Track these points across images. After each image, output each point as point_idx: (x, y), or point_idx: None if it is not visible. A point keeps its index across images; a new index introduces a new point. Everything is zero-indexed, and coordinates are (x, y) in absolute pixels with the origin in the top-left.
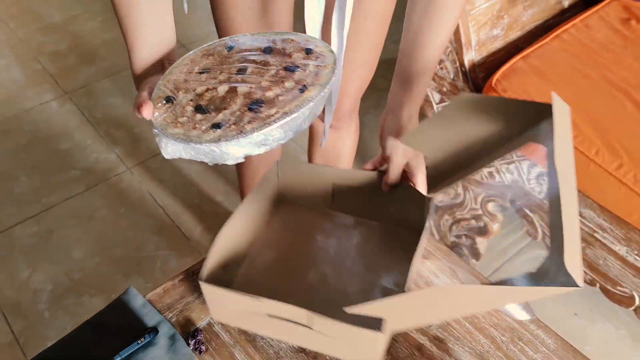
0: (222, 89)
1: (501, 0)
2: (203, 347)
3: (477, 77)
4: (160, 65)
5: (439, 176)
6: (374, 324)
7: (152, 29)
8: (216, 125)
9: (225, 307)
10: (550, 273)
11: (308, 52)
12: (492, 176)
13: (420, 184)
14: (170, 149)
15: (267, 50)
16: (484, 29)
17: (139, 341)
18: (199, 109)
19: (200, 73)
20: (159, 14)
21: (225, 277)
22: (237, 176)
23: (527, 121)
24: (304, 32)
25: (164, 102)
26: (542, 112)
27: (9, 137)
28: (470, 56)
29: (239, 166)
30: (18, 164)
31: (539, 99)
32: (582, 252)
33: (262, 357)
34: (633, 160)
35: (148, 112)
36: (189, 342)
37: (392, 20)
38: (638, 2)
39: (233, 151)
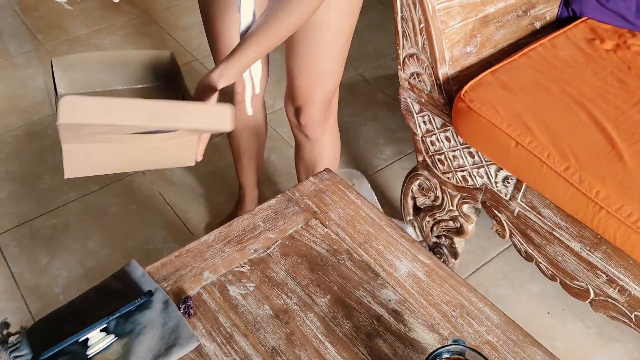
0: None
1: (474, 20)
2: (192, 312)
3: (451, 89)
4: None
5: None
6: None
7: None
8: None
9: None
10: None
11: None
12: (466, 180)
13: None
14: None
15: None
16: (457, 46)
17: (136, 301)
18: None
19: None
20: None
21: None
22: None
23: None
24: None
25: None
26: None
27: (34, 139)
28: (445, 70)
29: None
30: (42, 164)
31: (501, 108)
32: (544, 250)
33: (242, 321)
34: (579, 162)
35: None
36: (180, 307)
37: (381, 33)
38: (604, 24)
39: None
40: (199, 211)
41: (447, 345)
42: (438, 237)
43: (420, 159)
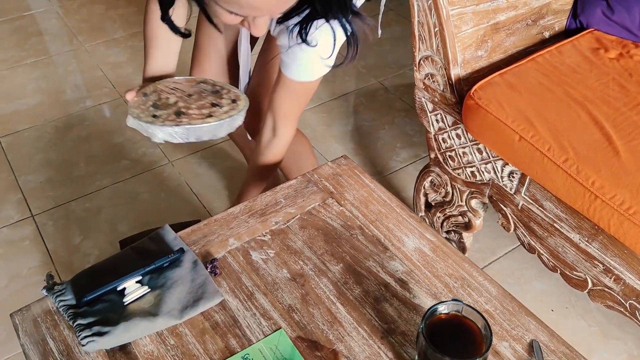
0: (172, 100)
1: (485, 27)
2: (217, 271)
3: (462, 89)
4: (160, 78)
5: None
6: None
7: (162, 54)
8: (154, 116)
9: None
10: None
11: (234, 101)
12: (474, 175)
13: None
14: (130, 121)
15: (214, 91)
16: (469, 49)
17: (169, 256)
18: (154, 105)
19: (172, 89)
20: (169, 46)
21: None
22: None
23: None
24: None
25: (142, 94)
26: None
27: (72, 130)
28: (457, 71)
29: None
30: (78, 153)
31: (507, 106)
32: (546, 242)
33: (262, 282)
34: (577, 155)
35: (128, 96)
36: (207, 266)
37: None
38: (609, 35)
39: (157, 133)
40: (222, 201)
41: (445, 302)
42: (448, 232)
43: (432, 156)
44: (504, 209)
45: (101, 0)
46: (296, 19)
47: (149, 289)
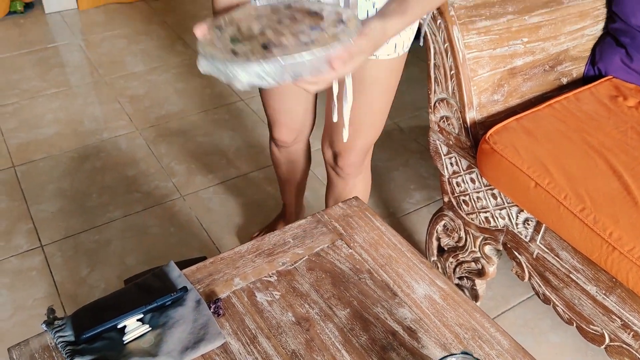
0: (257, 29)
1: (502, 71)
2: (221, 312)
3: (477, 133)
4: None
5: None
6: None
7: None
8: (234, 52)
9: None
10: None
11: (339, 22)
12: (488, 221)
13: None
14: (202, 64)
15: (312, 13)
16: (485, 93)
17: (172, 294)
18: (233, 39)
19: (255, 18)
20: None
21: None
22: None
23: None
24: None
25: (216, 28)
26: None
27: (87, 161)
28: (472, 115)
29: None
30: (92, 184)
31: (523, 151)
32: (561, 293)
33: (266, 325)
34: (594, 204)
35: (198, 31)
36: (210, 306)
37: (419, 87)
38: (628, 83)
39: (240, 75)
40: (232, 238)
41: (455, 354)
42: (460, 278)
43: (446, 199)
44: (519, 257)
45: (123, 34)
46: None
47: (150, 328)
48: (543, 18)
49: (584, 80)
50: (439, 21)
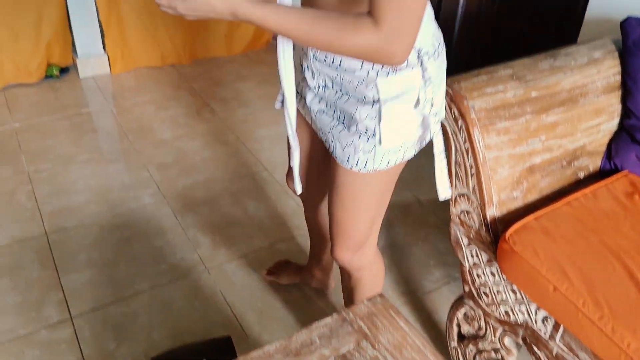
0: None
1: (521, 169)
2: None
3: (497, 229)
4: None
5: None
6: None
7: None
8: None
9: None
10: None
11: None
12: (508, 315)
13: None
14: None
15: None
16: (504, 191)
17: None
18: None
19: None
20: None
21: None
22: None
23: None
24: None
25: None
26: None
27: (116, 230)
28: (492, 212)
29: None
30: (120, 254)
31: (542, 253)
32: None
33: None
34: (613, 313)
35: None
36: None
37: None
38: None
39: None
40: (255, 314)
41: None
42: None
43: (466, 289)
44: (538, 352)
45: (152, 99)
46: None
47: None
48: (560, 116)
49: (601, 173)
50: (459, 122)
